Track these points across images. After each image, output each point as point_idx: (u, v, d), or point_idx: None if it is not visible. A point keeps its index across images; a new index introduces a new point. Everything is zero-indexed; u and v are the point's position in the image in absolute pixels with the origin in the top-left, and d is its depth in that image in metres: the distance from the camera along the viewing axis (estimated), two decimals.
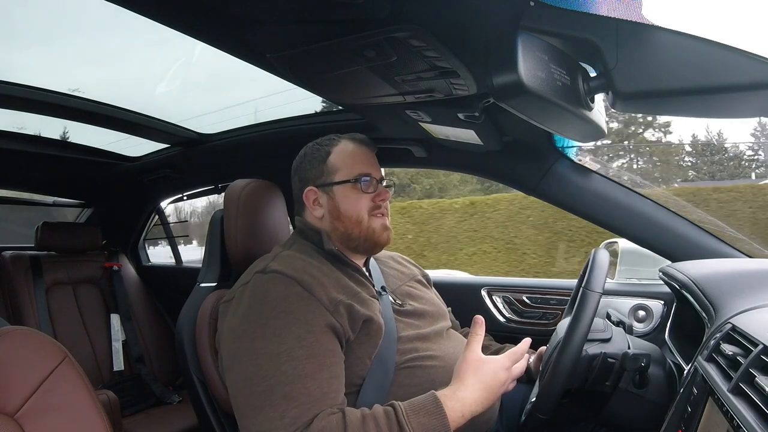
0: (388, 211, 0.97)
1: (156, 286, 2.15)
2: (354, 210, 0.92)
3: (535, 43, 0.58)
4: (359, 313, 0.82)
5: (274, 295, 0.80)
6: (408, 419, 0.70)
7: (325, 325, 0.78)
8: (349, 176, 0.93)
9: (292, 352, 0.74)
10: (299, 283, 0.80)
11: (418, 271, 1.12)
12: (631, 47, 0.59)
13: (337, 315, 0.80)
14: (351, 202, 0.92)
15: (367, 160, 0.96)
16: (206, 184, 1.94)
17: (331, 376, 0.76)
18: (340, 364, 0.79)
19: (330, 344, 0.78)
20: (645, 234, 1.13)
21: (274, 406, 0.71)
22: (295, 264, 0.84)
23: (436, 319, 0.98)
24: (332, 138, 0.98)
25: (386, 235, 0.94)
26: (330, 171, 0.94)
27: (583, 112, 0.67)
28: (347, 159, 0.95)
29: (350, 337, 0.81)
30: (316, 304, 0.79)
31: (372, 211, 0.93)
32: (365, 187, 0.92)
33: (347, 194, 0.93)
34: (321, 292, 0.81)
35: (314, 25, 0.70)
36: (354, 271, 0.92)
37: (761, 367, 0.50)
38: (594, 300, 0.75)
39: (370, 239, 0.93)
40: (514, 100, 0.61)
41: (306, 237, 0.95)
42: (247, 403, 0.74)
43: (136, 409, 1.74)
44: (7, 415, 0.62)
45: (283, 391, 0.71)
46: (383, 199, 0.94)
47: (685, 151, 16.20)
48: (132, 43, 1.48)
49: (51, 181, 2.06)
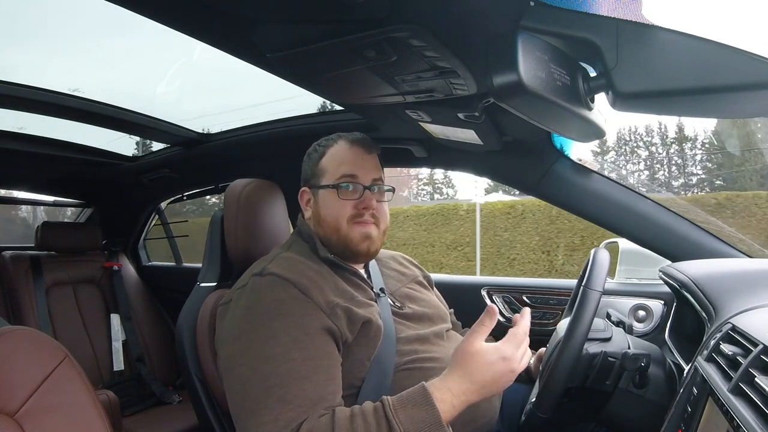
0: (382, 219, 0.92)
1: (156, 286, 2.15)
2: (332, 216, 0.90)
3: (535, 43, 0.58)
4: (358, 315, 0.82)
5: (270, 298, 0.79)
6: (395, 412, 0.68)
7: (321, 327, 0.78)
8: (332, 180, 0.91)
9: (287, 355, 0.74)
10: (296, 286, 0.80)
11: (419, 272, 1.11)
12: (631, 47, 0.59)
13: (334, 317, 0.79)
14: (330, 208, 0.90)
15: (358, 163, 0.92)
16: (206, 184, 1.94)
17: (327, 378, 0.75)
18: (336, 367, 0.78)
19: (326, 347, 0.78)
20: (645, 234, 1.13)
21: (270, 409, 0.70)
22: (292, 267, 0.84)
23: (436, 321, 0.98)
24: (333, 138, 0.97)
25: (366, 245, 0.90)
26: (319, 173, 0.93)
27: (583, 112, 0.67)
28: (336, 161, 0.92)
29: (348, 339, 0.81)
30: (313, 306, 0.79)
31: (353, 219, 0.89)
32: (345, 194, 0.89)
33: (328, 199, 0.91)
34: (318, 294, 0.80)
35: (314, 25, 0.70)
36: (351, 274, 0.91)
37: (761, 367, 0.50)
38: (594, 299, 0.75)
39: (348, 248, 0.90)
40: (514, 100, 0.61)
41: (304, 238, 0.95)
42: (243, 405, 0.74)
43: (136, 409, 1.74)
44: (7, 415, 0.62)
45: (279, 393, 0.71)
46: (366, 207, 0.89)
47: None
48: (132, 43, 1.48)
49: (51, 181, 2.06)
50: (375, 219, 0.91)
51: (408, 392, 0.73)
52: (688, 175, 16.84)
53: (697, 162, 16.74)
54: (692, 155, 16.58)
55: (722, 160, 15.11)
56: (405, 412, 0.69)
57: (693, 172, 16.93)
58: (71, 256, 1.96)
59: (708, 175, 16.11)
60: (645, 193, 1.14)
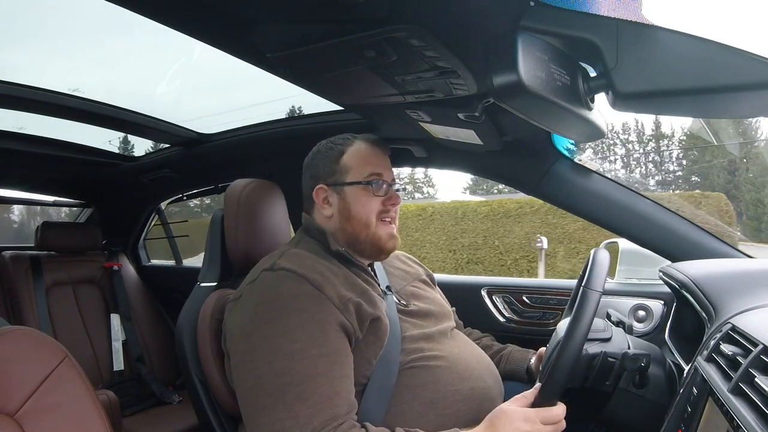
0: (397, 218, 0.96)
1: (156, 286, 2.15)
2: (364, 212, 0.91)
3: (535, 43, 0.58)
4: (367, 312, 0.82)
5: (284, 293, 0.79)
6: None
7: (336, 323, 0.78)
8: (360, 177, 0.92)
9: (305, 351, 0.74)
10: (309, 281, 0.80)
11: (423, 270, 1.11)
12: (631, 47, 0.59)
13: (346, 313, 0.80)
14: (361, 204, 0.92)
15: (380, 162, 0.95)
16: (206, 184, 1.94)
17: (342, 375, 0.76)
18: (349, 364, 0.79)
19: (340, 343, 0.78)
20: (645, 234, 1.13)
21: (288, 406, 0.70)
22: (303, 262, 0.84)
23: (441, 319, 0.98)
24: (347, 137, 0.97)
25: (392, 243, 0.93)
26: (342, 170, 0.94)
27: (583, 112, 0.67)
28: (360, 159, 0.94)
29: (359, 336, 0.81)
30: (327, 302, 0.79)
31: (381, 216, 0.92)
32: (376, 190, 0.92)
33: (358, 195, 0.92)
34: (331, 290, 0.80)
35: (314, 25, 0.70)
36: (360, 270, 0.92)
37: (761, 367, 0.50)
38: (594, 299, 0.75)
39: (376, 245, 0.92)
40: (514, 100, 0.61)
41: (311, 235, 0.95)
42: (256, 402, 0.74)
43: (136, 409, 1.74)
44: (7, 415, 0.62)
45: (296, 390, 0.71)
46: (393, 203, 0.93)
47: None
48: (132, 43, 1.48)
49: (51, 181, 2.06)
50: (394, 217, 0.95)
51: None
52: (665, 172, 17.04)
53: (674, 159, 16.96)
54: (669, 152, 16.79)
55: (697, 156, 15.43)
56: None
57: (669, 169, 17.10)
58: (71, 256, 1.96)
59: (684, 172, 16.31)
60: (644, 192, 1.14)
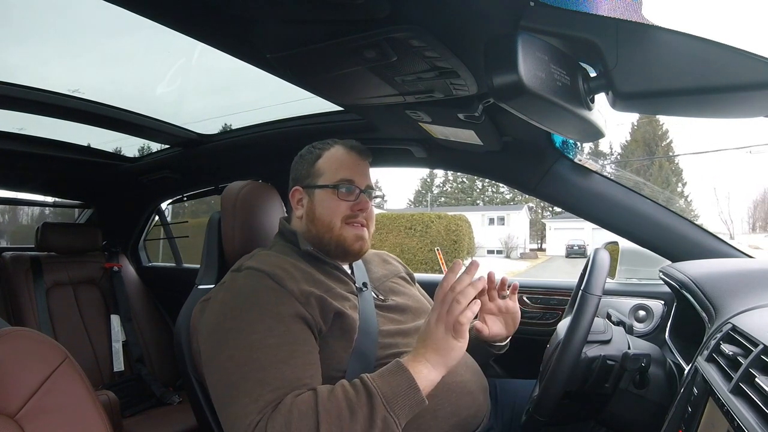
0: (371, 222, 0.98)
1: (156, 287, 2.15)
2: (327, 215, 0.94)
3: (535, 43, 0.58)
4: (331, 305, 0.83)
5: (246, 289, 0.82)
6: (372, 380, 0.72)
7: (295, 314, 0.79)
8: (330, 181, 0.95)
9: (263, 341, 0.75)
10: (271, 276, 0.82)
11: (402, 268, 1.14)
12: (631, 47, 0.59)
13: (308, 306, 0.81)
14: (326, 207, 0.94)
15: (354, 168, 0.97)
16: (206, 185, 1.95)
17: (305, 363, 0.76)
18: (314, 353, 0.79)
19: (302, 333, 0.79)
20: (645, 234, 1.13)
21: (249, 392, 0.71)
22: (269, 260, 0.86)
23: (418, 314, 0.99)
24: (328, 142, 1.01)
25: (359, 245, 0.94)
26: (316, 174, 0.97)
27: (583, 112, 0.67)
28: (334, 164, 0.97)
29: (322, 328, 0.82)
30: (287, 295, 0.80)
31: (347, 219, 0.94)
32: (343, 195, 0.94)
33: (325, 199, 0.95)
34: (292, 284, 0.82)
35: (314, 25, 0.70)
36: (332, 268, 0.94)
37: (761, 367, 0.50)
38: (593, 303, 0.75)
39: (341, 246, 0.94)
40: (514, 100, 0.61)
41: (285, 238, 0.98)
42: (223, 393, 0.75)
43: (137, 409, 1.74)
44: (8, 416, 0.62)
45: (257, 377, 0.72)
46: (361, 209, 0.94)
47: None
48: (132, 43, 1.48)
49: (51, 181, 2.06)
50: (366, 222, 0.96)
51: (384, 367, 0.76)
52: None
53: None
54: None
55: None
56: (382, 379, 0.72)
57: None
58: (71, 257, 1.96)
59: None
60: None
